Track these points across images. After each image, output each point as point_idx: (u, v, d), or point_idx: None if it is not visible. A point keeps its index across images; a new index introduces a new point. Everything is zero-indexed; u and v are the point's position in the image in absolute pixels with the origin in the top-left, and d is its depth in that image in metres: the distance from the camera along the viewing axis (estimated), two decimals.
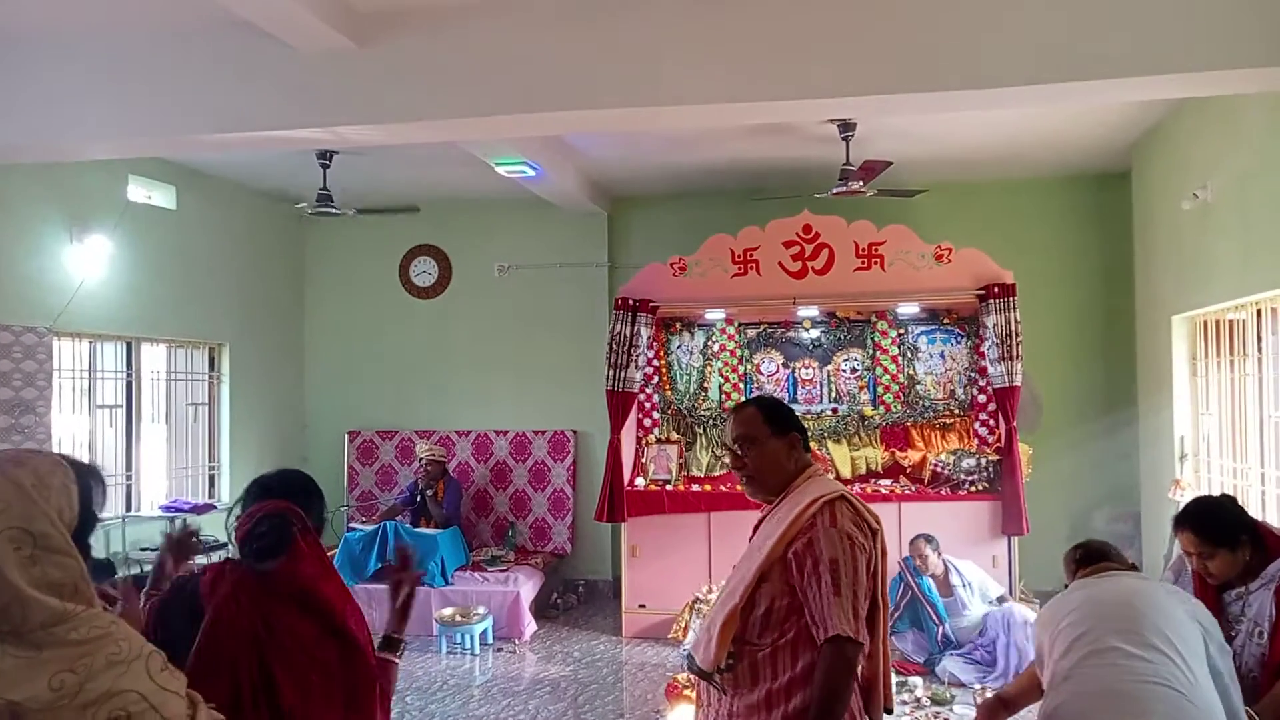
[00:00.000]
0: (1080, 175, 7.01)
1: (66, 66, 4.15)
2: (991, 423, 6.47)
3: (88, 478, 1.40)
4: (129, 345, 6.39)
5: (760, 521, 2.26)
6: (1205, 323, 5.52)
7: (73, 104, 4.16)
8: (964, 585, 5.54)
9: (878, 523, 2.13)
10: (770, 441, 2.21)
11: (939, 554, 5.59)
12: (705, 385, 6.99)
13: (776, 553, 2.05)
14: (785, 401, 6.76)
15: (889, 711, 2.18)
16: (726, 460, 2.35)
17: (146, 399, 6.58)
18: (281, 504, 1.93)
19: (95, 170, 5.76)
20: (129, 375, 6.40)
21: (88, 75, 4.14)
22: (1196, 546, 2.69)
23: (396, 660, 2.11)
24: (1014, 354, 5.97)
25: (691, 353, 7.03)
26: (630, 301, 6.39)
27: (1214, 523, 2.70)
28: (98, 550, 5.79)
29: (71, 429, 5.96)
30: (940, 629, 5.44)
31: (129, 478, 6.38)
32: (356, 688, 1.86)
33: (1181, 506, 2.88)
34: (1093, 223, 7.03)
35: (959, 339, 6.69)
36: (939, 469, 6.39)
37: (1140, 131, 6.07)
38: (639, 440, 6.90)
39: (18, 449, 1.50)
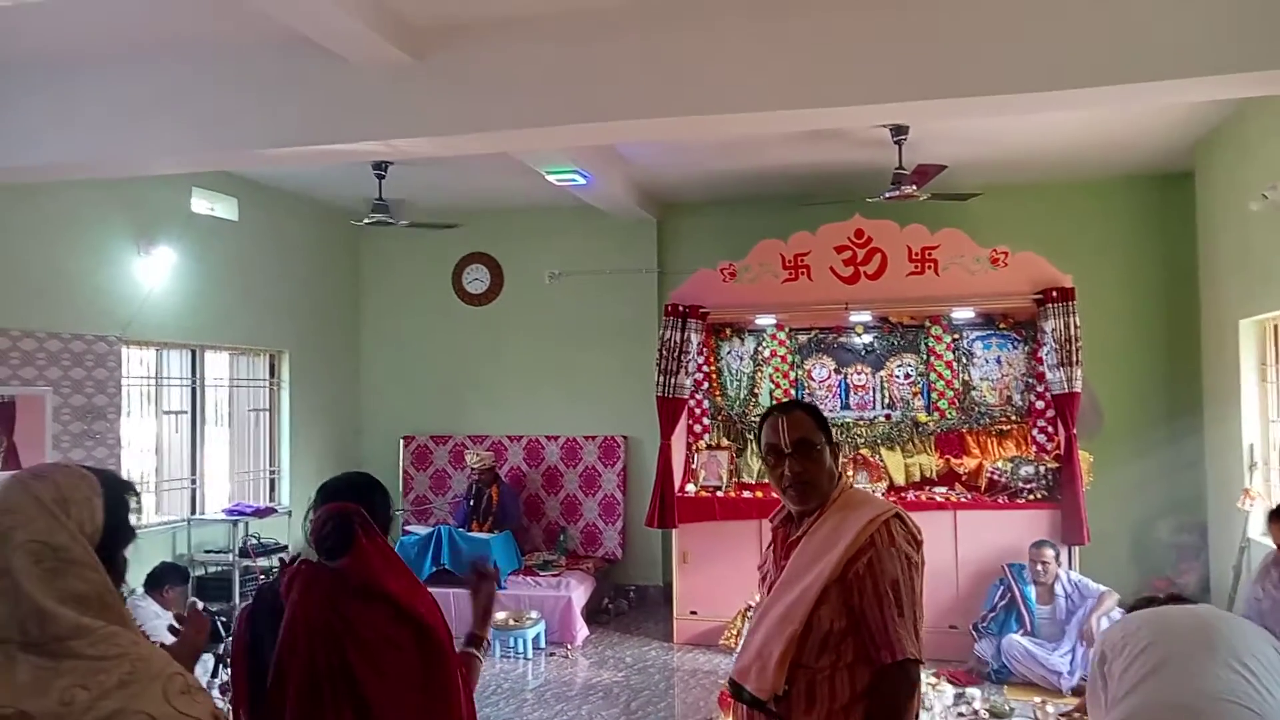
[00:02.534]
0: (1141, 175, 6.84)
1: (132, 85, 4.29)
2: (1050, 429, 6.34)
3: (118, 490, 1.39)
4: (194, 353, 6.58)
5: (790, 538, 2.16)
6: (1275, 326, 5.35)
7: (139, 121, 4.30)
8: (1066, 595, 5.44)
9: (921, 534, 2.08)
10: (825, 448, 2.14)
11: (1058, 561, 5.51)
12: (756, 391, 6.96)
13: (835, 574, 1.97)
14: (837, 408, 6.78)
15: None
16: (768, 465, 2.20)
17: (210, 405, 6.77)
18: (345, 505, 2.02)
19: (160, 184, 5.95)
20: (194, 382, 6.59)
21: (153, 93, 4.27)
22: None
23: (480, 656, 2.23)
24: (1074, 359, 5.84)
25: (742, 358, 7.01)
26: (680, 308, 6.40)
27: None
28: (165, 553, 5.98)
29: (140, 434, 6.16)
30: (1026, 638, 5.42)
31: (194, 482, 6.56)
32: (432, 669, 1.94)
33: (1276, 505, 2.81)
34: (1154, 224, 6.85)
35: (1016, 344, 6.56)
36: (996, 476, 6.28)
37: (1204, 130, 5.91)
38: (689, 446, 6.89)
39: (42, 464, 1.49)
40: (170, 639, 1.90)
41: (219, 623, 5.81)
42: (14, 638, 1.22)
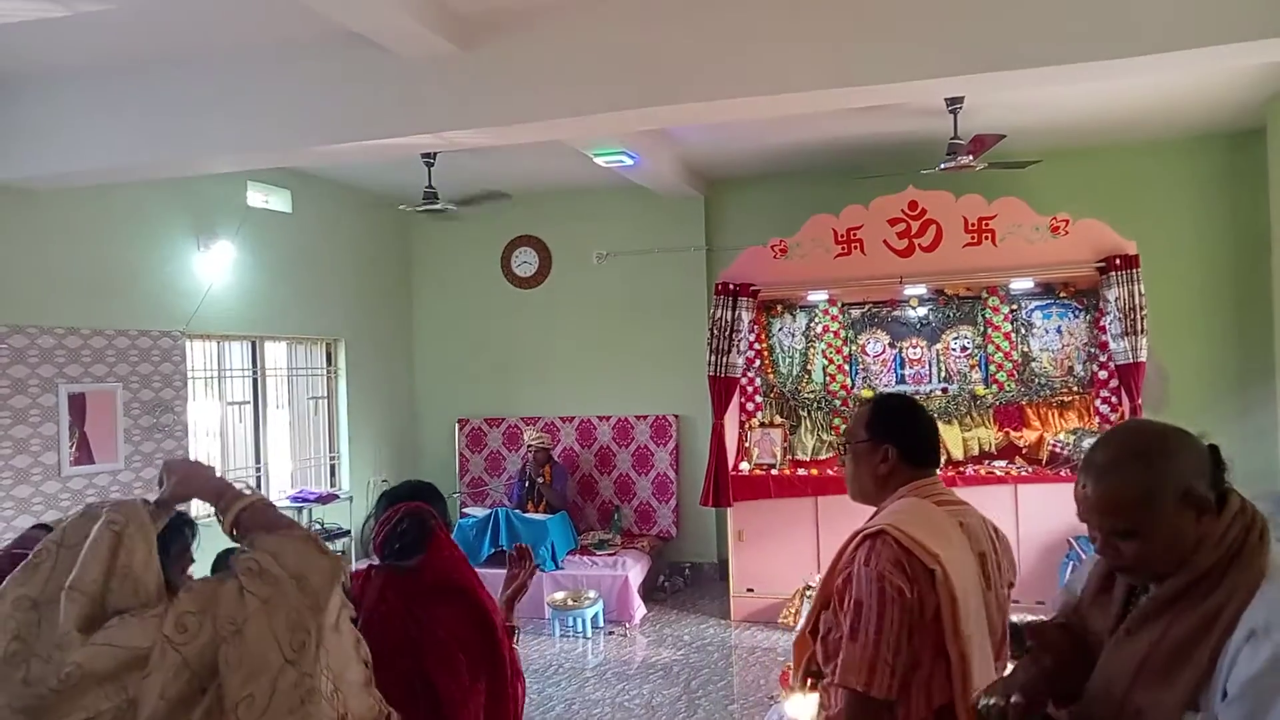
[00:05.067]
0: (1208, 135, 6.57)
1: (188, 87, 4.36)
2: (1114, 400, 6.20)
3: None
4: (253, 344, 6.72)
5: None
6: None
7: (196, 121, 4.37)
8: None
9: (932, 562, 1.79)
10: (856, 445, 2.04)
11: None
12: (808, 367, 6.91)
13: (834, 582, 1.90)
14: (892, 382, 6.67)
15: None
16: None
17: (271, 394, 6.92)
18: (419, 504, 2.05)
19: (218, 180, 6.04)
20: (254, 372, 6.74)
21: (208, 94, 4.34)
22: None
23: (516, 645, 2.26)
24: (1139, 328, 5.68)
25: (794, 335, 6.95)
26: (731, 286, 6.35)
27: None
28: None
29: (205, 425, 6.32)
30: None
31: (258, 470, 6.73)
32: (496, 662, 2.01)
33: None
34: (1224, 185, 6.59)
35: (1077, 313, 6.40)
36: (1058, 449, 6.16)
37: (1277, 85, 5.64)
38: (742, 424, 6.87)
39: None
40: None
41: None
42: None
